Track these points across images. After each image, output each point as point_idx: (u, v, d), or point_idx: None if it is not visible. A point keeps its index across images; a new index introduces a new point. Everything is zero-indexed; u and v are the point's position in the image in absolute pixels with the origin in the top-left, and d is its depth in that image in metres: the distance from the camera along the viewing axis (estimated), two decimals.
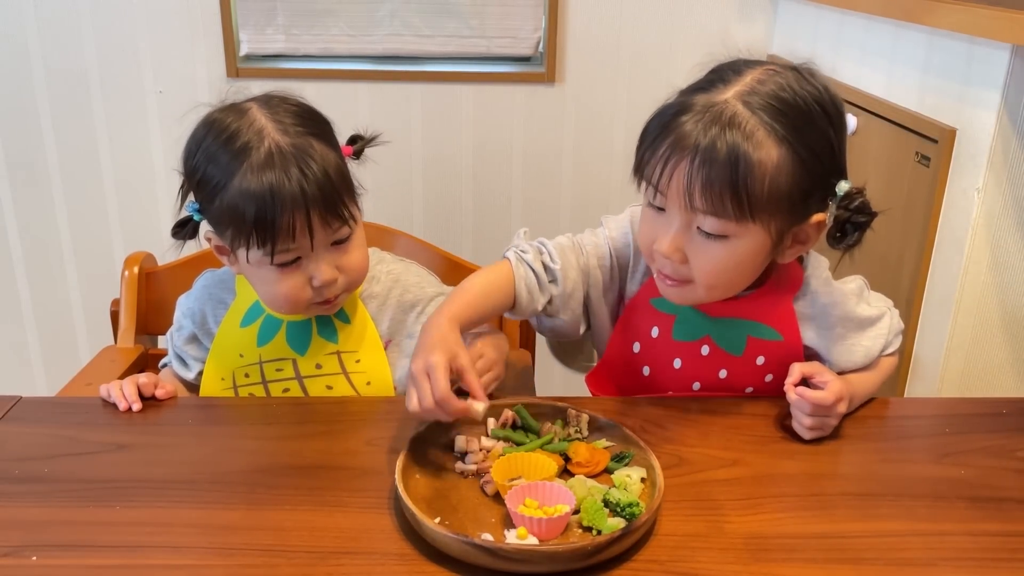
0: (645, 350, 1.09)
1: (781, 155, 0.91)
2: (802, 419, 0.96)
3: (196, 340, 1.17)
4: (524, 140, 2.14)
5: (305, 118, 1.04)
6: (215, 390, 1.13)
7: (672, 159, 0.92)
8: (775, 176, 0.91)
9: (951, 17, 1.26)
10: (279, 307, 1.08)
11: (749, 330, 1.06)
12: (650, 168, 0.94)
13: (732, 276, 0.98)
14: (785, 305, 1.05)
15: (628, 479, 0.85)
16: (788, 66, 0.96)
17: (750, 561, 0.77)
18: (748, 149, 0.89)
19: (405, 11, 2.05)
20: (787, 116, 0.91)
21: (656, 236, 0.97)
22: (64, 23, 2.01)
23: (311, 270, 1.03)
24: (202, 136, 1.03)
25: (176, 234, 1.09)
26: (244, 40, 2.06)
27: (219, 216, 1.02)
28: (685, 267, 0.96)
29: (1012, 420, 1.02)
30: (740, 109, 0.91)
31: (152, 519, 0.81)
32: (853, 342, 1.06)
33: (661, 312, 1.08)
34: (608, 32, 2.06)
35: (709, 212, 0.92)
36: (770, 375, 1.07)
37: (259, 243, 0.99)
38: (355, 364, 1.13)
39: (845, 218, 0.95)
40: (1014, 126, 1.21)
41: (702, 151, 0.90)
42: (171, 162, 2.11)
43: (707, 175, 0.90)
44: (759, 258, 0.97)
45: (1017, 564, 0.78)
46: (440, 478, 0.87)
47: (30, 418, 1.00)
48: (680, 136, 0.91)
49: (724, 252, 0.94)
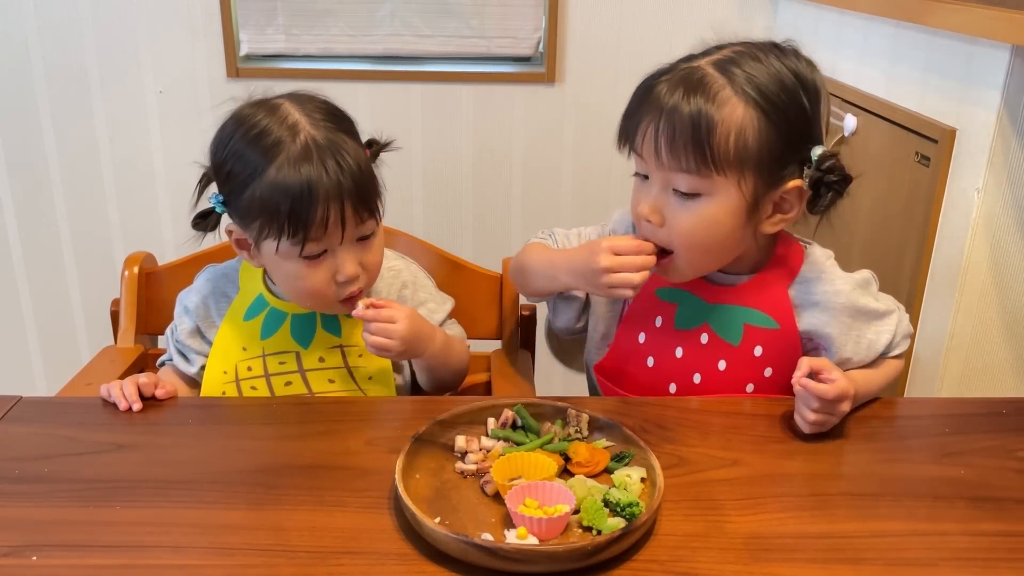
0: (650, 340, 1.11)
1: (748, 114, 0.96)
2: (805, 413, 0.96)
3: (199, 333, 1.17)
4: (524, 140, 2.14)
5: (334, 115, 1.06)
6: (217, 383, 1.14)
7: (643, 120, 0.99)
8: (740, 133, 0.96)
9: (951, 17, 1.26)
10: (305, 302, 1.09)
11: (745, 317, 1.07)
12: (627, 130, 1.01)
13: (707, 238, 1.00)
14: (780, 291, 1.07)
15: (628, 479, 0.85)
16: (768, 42, 1.01)
17: (750, 561, 0.77)
18: (710, 107, 0.95)
19: (405, 11, 2.05)
20: (757, 80, 0.97)
21: (638, 204, 1.03)
22: (64, 23, 2.01)
23: (336, 264, 1.04)
24: (232, 129, 1.05)
25: (197, 225, 1.11)
26: (244, 40, 2.06)
27: (248, 208, 1.02)
28: (664, 232, 1.01)
29: (1012, 420, 1.02)
30: (710, 71, 0.98)
31: (152, 519, 0.81)
32: (859, 332, 1.07)
33: (664, 301, 1.10)
34: (608, 32, 2.06)
35: (677, 168, 0.97)
36: (769, 368, 1.07)
37: (291, 234, 1.00)
38: (358, 359, 1.14)
39: (818, 179, 0.99)
40: (1014, 126, 1.21)
41: (667, 110, 0.96)
42: (171, 162, 2.12)
43: (670, 132, 0.96)
44: (735, 221, 1.00)
45: (1017, 564, 0.78)
46: (440, 478, 0.87)
47: (30, 418, 1.00)
48: (652, 98, 0.98)
49: (697, 212, 0.99)
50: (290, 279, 1.06)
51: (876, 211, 1.50)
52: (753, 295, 1.07)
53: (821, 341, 1.07)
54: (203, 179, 1.10)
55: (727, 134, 0.95)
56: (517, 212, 2.19)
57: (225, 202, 1.06)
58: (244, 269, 1.18)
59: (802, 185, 1.00)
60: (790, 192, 1.00)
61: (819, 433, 0.97)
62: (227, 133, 1.05)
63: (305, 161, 0.99)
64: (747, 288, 1.07)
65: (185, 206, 1.10)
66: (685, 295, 1.09)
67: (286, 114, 1.03)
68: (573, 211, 2.19)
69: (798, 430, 0.98)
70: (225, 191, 1.06)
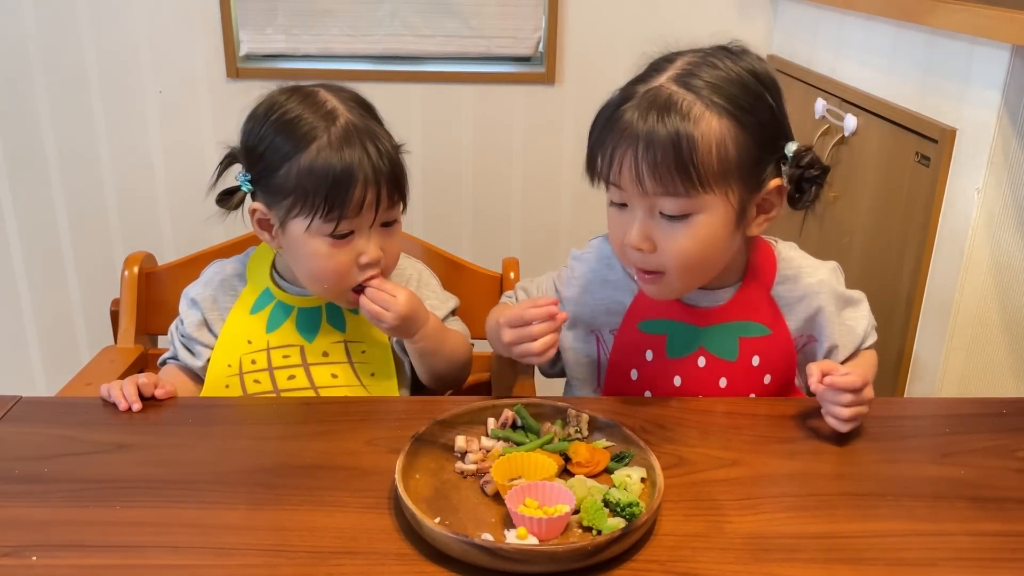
0: (643, 375, 1.10)
1: (723, 125, 0.94)
2: (839, 411, 0.95)
3: (206, 325, 1.18)
4: (524, 140, 2.14)
5: (364, 105, 1.12)
6: (221, 376, 1.14)
7: (618, 150, 0.95)
8: (720, 145, 0.94)
9: (951, 17, 1.26)
10: (320, 285, 1.11)
11: (739, 331, 1.07)
12: (600, 163, 0.98)
13: (703, 256, 0.99)
14: (764, 297, 1.07)
15: (628, 479, 0.85)
16: (716, 47, 1.00)
17: (750, 561, 0.77)
18: (688, 126, 0.93)
19: (405, 11, 2.05)
20: (722, 88, 0.95)
21: (623, 231, 0.99)
22: (64, 23, 2.01)
23: (361, 246, 1.08)
24: (266, 112, 1.09)
25: (221, 202, 1.14)
26: (244, 40, 2.06)
27: (283, 186, 1.06)
28: (656, 256, 0.98)
29: (1012, 420, 1.02)
30: (675, 89, 0.95)
31: (152, 519, 0.81)
32: (841, 319, 1.09)
33: (651, 335, 1.08)
34: (608, 32, 2.06)
35: (663, 193, 0.94)
36: (768, 376, 1.07)
37: (326, 212, 1.04)
38: (361, 355, 1.15)
39: (799, 175, 1.00)
40: (1014, 126, 1.21)
41: (643, 136, 0.93)
42: (171, 162, 2.12)
43: (652, 158, 0.93)
44: (726, 232, 0.99)
45: (1017, 564, 0.78)
46: (440, 478, 0.87)
47: (30, 418, 1.00)
48: (622, 126, 0.95)
49: (690, 232, 0.96)
50: (315, 258, 1.08)
51: (876, 211, 1.50)
52: (741, 307, 1.07)
53: (813, 332, 1.08)
54: (225, 160, 1.14)
55: (708, 150, 0.93)
56: (517, 212, 2.19)
57: (253, 180, 1.09)
58: (252, 264, 1.20)
59: (782, 183, 1.00)
60: (771, 192, 1.00)
61: (819, 433, 0.97)
62: (261, 115, 1.09)
63: (347, 144, 1.04)
64: (735, 302, 1.07)
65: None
66: (674, 324, 1.07)
67: (324, 100, 1.08)
68: (573, 212, 2.19)
69: (798, 430, 0.98)
70: (256, 170, 1.09)
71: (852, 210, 1.58)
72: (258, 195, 1.11)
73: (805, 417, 1.01)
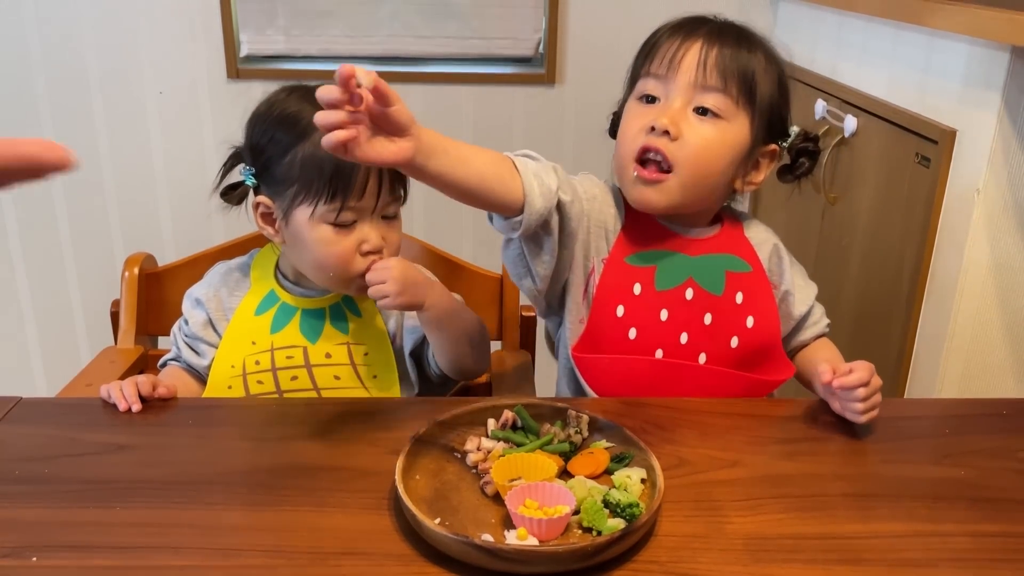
0: (630, 310, 1.09)
1: (772, 71, 1.09)
2: (855, 406, 0.97)
3: (211, 325, 1.18)
4: (524, 141, 2.14)
5: None
6: (224, 377, 1.14)
7: (688, 40, 1.06)
8: (771, 81, 1.08)
9: (951, 18, 1.26)
10: (325, 274, 1.11)
11: (726, 264, 1.11)
12: (663, 51, 1.07)
13: (715, 160, 1.06)
14: (741, 235, 1.15)
15: (628, 480, 0.85)
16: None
17: (750, 562, 0.77)
18: (756, 49, 1.07)
19: (405, 12, 2.05)
20: (773, 53, 1.10)
21: (648, 120, 1.05)
22: (64, 23, 2.01)
23: (364, 234, 1.09)
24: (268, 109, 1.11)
25: (225, 196, 1.18)
26: (244, 41, 2.06)
27: (286, 174, 1.08)
28: (676, 147, 1.04)
29: (1012, 421, 1.02)
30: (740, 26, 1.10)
31: (152, 520, 0.81)
32: (799, 275, 1.18)
33: (640, 267, 1.10)
34: (608, 33, 2.06)
35: (712, 88, 1.04)
36: (751, 317, 1.10)
37: (330, 197, 1.06)
38: (363, 357, 1.16)
39: (800, 146, 1.14)
40: (1014, 126, 1.21)
41: (720, 37, 1.06)
42: (172, 163, 2.12)
43: (719, 53, 1.05)
44: (736, 154, 1.07)
45: (1017, 564, 0.78)
46: (440, 479, 0.87)
47: (30, 419, 1.00)
48: (697, 23, 1.08)
49: (717, 130, 1.05)
50: (319, 245, 1.08)
51: (876, 212, 1.50)
52: (726, 241, 1.13)
53: (776, 273, 1.15)
54: (229, 160, 1.17)
55: (763, 75, 1.06)
56: None
57: (256, 174, 1.11)
58: (256, 265, 1.20)
59: (777, 150, 1.12)
60: (765, 154, 1.11)
61: (819, 434, 0.98)
62: (263, 112, 1.12)
63: None
64: (721, 236, 1.14)
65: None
66: (663, 254, 1.10)
67: None
68: None
69: (798, 430, 0.98)
70: (259, 162, 1.11)
71: (852, 211, 1.58)
72: (261, 188, 1.12)
73: (805, 418, 1.01)
